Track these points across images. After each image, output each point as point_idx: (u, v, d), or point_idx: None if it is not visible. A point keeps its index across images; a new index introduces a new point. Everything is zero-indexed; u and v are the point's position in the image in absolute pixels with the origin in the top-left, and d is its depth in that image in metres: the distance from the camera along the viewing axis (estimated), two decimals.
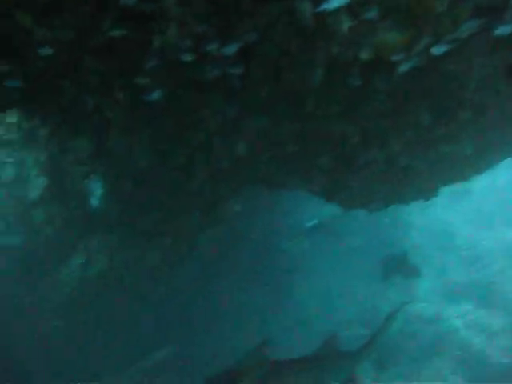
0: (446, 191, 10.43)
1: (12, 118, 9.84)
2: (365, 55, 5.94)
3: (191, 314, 13.39)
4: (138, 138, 9.06)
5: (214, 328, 13.75)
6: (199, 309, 13.48)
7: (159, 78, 6.22)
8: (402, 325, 13.80)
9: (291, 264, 15.07)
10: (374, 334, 9.28)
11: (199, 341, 13.70)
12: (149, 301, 12.67)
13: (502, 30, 5.09)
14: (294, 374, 8.22)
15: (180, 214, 10.37)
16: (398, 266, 13.83)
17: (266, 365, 7.73)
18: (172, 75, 6.36)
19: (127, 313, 12.69)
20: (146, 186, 9.74)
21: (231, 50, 5.56)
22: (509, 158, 9.79)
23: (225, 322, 14.00)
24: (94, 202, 10.07)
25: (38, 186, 10.56)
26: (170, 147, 9.31)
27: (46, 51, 5.37)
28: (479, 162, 9.34)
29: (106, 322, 12.68)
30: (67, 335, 12.15)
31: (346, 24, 5.55)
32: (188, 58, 5.68)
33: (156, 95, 6.13)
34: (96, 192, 10.01)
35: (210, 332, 13.67)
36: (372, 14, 5.27)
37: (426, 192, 10.03)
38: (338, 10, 5.26)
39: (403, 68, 5.80)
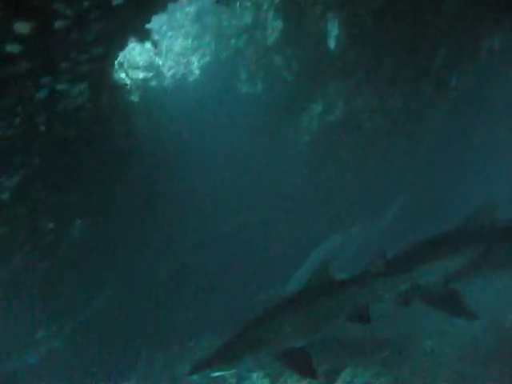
0: None
1: None
2: None
3: (430, 163, 12.45)
4: None
5: (457, 177, 12.66)
6: (441, 158, 12.45)
7: None
8: None
9: None
10: None
11: (437, 190, 12.88)
12: (385, 147, 12.07)
13: None
14: None
15: (425, 53, 9.08)
16: None
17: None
18: None
19: (364, 160, 12.40)
20: (387, 23, 8.61)
21: None
22: None
23: (471, 171, 12.77)
24: (331, 42, 9.34)
25: (274, 29, 10.23)
26: None
27: None
28: None
29: (345, 168, 12.62)
30: (309, 182, 12.48)
31: None
32: None
33: None
34: (333, 33, 9.23)
35: (450, 182, 12.66)
36: None
37: None
38: None
39: None
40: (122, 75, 9.23)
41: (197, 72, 11.01)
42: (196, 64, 11.05)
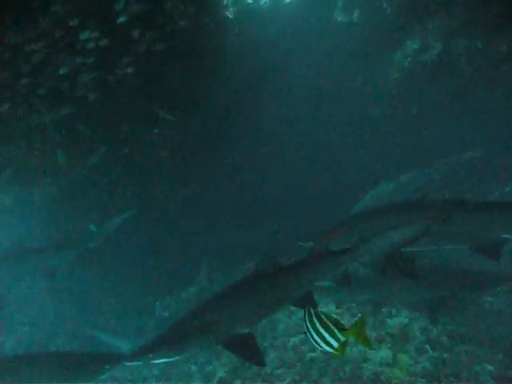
0: None
1: None
2: None
3: None
4: None
5: None
6: None
7: None
8: None
9: None
10: None
11: None
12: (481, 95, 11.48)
13: None
14: None
15: None
16: None
17: None
18: None
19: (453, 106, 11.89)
20: None
21: None
22: None
23: None
24: None
25: None
26: None
27: None
28: None
29: (429, 112, 12.18)
30: (390, 119, 12.15)
31: None
32: None
33: None
34: None
35: None
36: None
37: None
38: None
39: None
40: None
41: None
42: None
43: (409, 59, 11.00)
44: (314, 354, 8.22)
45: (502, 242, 7.43)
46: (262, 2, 10.30)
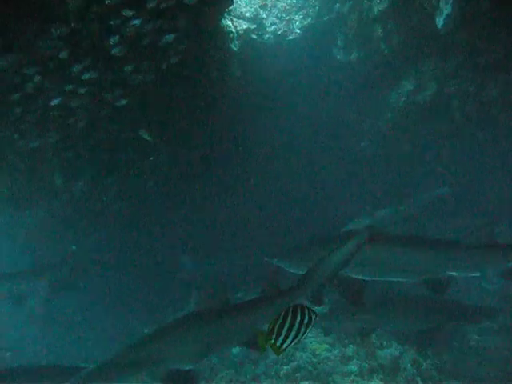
0: None
1: None
2: None
3: None
4: None
5: None
6: None
7: None
8: None
9: None
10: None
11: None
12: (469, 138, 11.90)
13: None
14: None
15: None
16: None
17: None
18: None
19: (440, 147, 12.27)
20: (506, 7, 8.35)
21: None
22: None
23: None
24: (440, 21, 9.08)
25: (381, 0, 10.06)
26: None
27: None
28: None
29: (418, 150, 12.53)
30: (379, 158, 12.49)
31: None
32: None
33: None
34: (444, 11, 8.98)
35: None
36: None
37: None
38: None
39: None
40: (229, 23, 9.39)
41: (297, 31, 11.02)
42: (298, 23, 11.06)
43: (403, 99, 11.34)
44: (306, 383, 8.24)
45: (447, 279, 7.57)
46: (265, 37, 10.69)
